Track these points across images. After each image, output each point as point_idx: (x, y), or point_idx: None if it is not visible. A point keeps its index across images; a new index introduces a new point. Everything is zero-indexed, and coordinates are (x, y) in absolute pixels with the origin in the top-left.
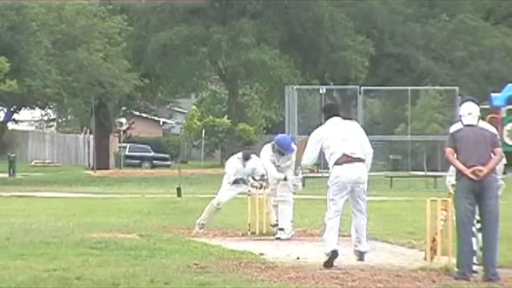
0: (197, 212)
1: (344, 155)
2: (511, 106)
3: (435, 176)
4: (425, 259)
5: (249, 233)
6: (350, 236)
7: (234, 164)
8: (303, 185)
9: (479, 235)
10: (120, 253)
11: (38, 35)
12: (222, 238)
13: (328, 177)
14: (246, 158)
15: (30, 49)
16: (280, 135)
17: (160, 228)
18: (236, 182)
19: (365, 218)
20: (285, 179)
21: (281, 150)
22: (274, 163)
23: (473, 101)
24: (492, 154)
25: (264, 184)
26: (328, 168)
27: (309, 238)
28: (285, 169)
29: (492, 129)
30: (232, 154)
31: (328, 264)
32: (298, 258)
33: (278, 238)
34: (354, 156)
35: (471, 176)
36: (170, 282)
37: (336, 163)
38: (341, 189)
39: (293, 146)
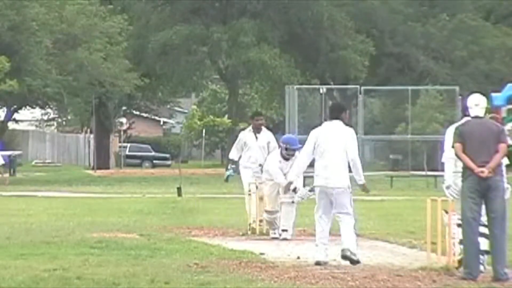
0: (197, 212)
1: None
2: (511, 105)
3: (435, 176)
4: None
5: (249, 232)
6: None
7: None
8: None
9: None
10: (121, 253)
11: (39, 35)
12: (223, 238)
13: None
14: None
15: (31, 49)
16: (285, 136)
17: (161, 228)
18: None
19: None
20: (294, 190)
21: (288, 148)
22: (281, 169)
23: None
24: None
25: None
26: None
27: (310, 238)
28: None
29: (499, 124)
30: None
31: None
32: (298, 258)
33: (284, 239)
34: None
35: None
36: (170, 281)
37: None
38: None
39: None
